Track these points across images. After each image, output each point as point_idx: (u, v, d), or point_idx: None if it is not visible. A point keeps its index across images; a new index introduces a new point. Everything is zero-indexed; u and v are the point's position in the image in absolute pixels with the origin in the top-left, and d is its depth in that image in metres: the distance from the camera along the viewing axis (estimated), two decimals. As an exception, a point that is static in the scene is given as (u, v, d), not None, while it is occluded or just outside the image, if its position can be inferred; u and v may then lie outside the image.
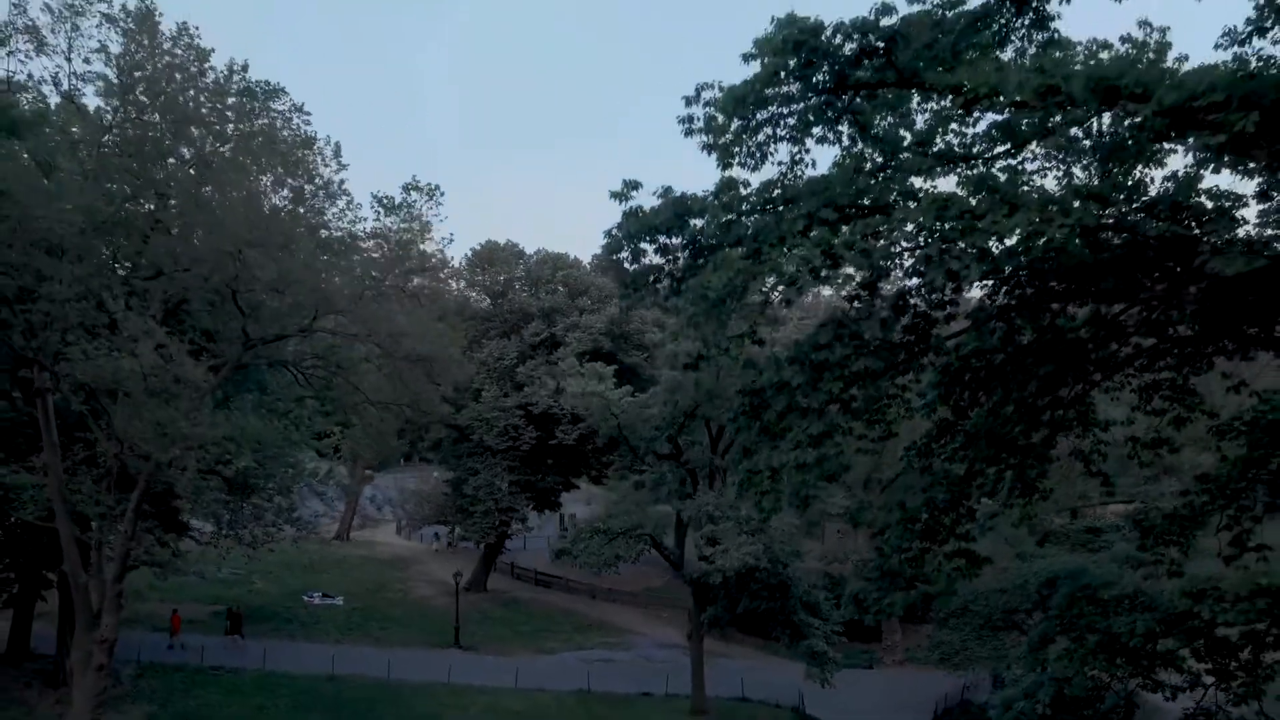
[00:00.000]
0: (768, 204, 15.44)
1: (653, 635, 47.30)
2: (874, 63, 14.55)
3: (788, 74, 14.32)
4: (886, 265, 13.92)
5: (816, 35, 13.74)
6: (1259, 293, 13.73)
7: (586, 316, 50.29)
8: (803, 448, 14.23)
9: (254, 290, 21.02)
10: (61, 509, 24.57)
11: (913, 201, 14.54)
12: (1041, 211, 13.15)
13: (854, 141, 16.07)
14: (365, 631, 45.27)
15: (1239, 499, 19.44)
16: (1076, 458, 21.61)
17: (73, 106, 26.63)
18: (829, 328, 14.01)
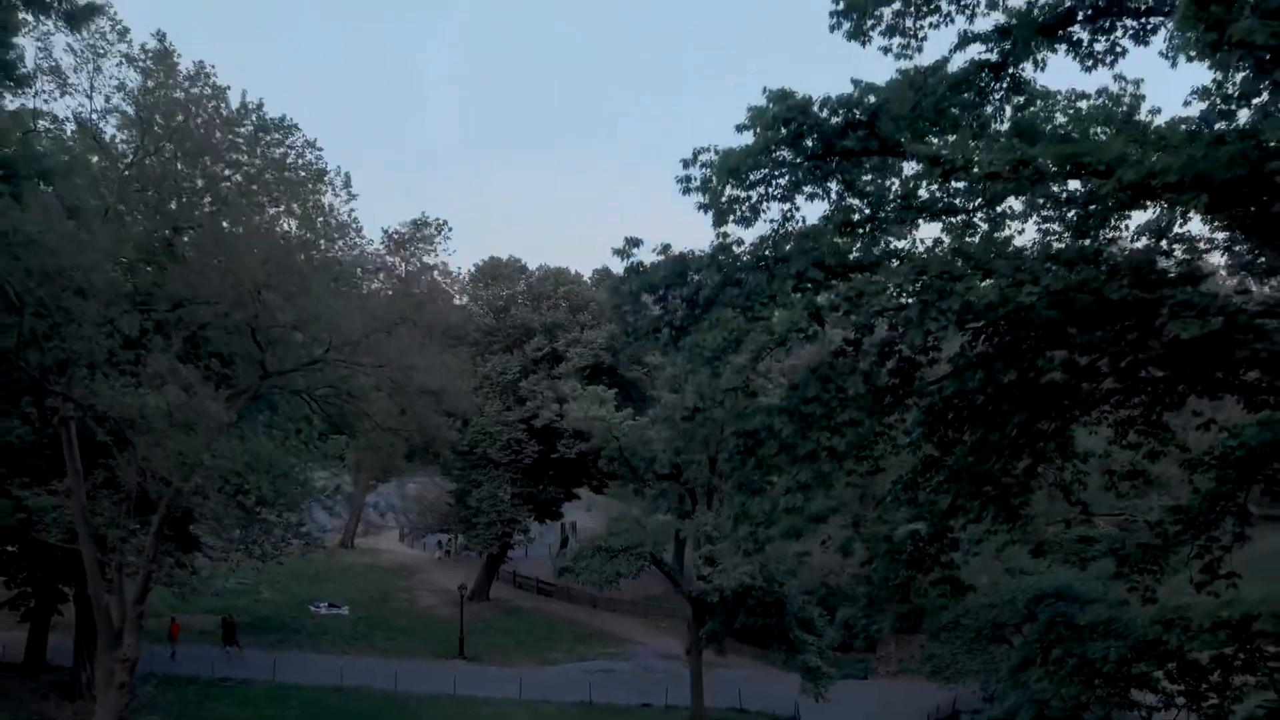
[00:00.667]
0: (761, 261, 16.38)
1: (652, 645, 48.30)
2: (859, 133, 15.54)
3: (779, 143, 15.33)
4: (870, 324, 14.91)
5: (805, 112, 14.77)
6: (1217, 349, 14.75)
7: (588, 332, 51.29)
8: (793, 493, 15.28)
9: (273, 327, 22.02)
10: (85, 532, 25.58)
11: (895, 260, 15.59)
12: (1013, 276, 14.16)
13: (841, 196, 17.08)
14: (371, 642, 46.28)
15: (1209, 530, 20.45)
16: (1057, 487, 22.65)
17: (92, 141, 27.70)
18: (815, 382, 15.01)
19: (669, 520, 32.61)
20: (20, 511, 28.62)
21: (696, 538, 30.63)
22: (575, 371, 50.49)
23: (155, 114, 27.12)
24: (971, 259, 14.36)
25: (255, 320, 22.05)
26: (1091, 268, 14.46)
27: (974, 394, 18.58)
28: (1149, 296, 14.49)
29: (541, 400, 50.22)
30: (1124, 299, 14.38)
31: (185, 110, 27.55)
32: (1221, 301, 14.06)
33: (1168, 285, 14.57)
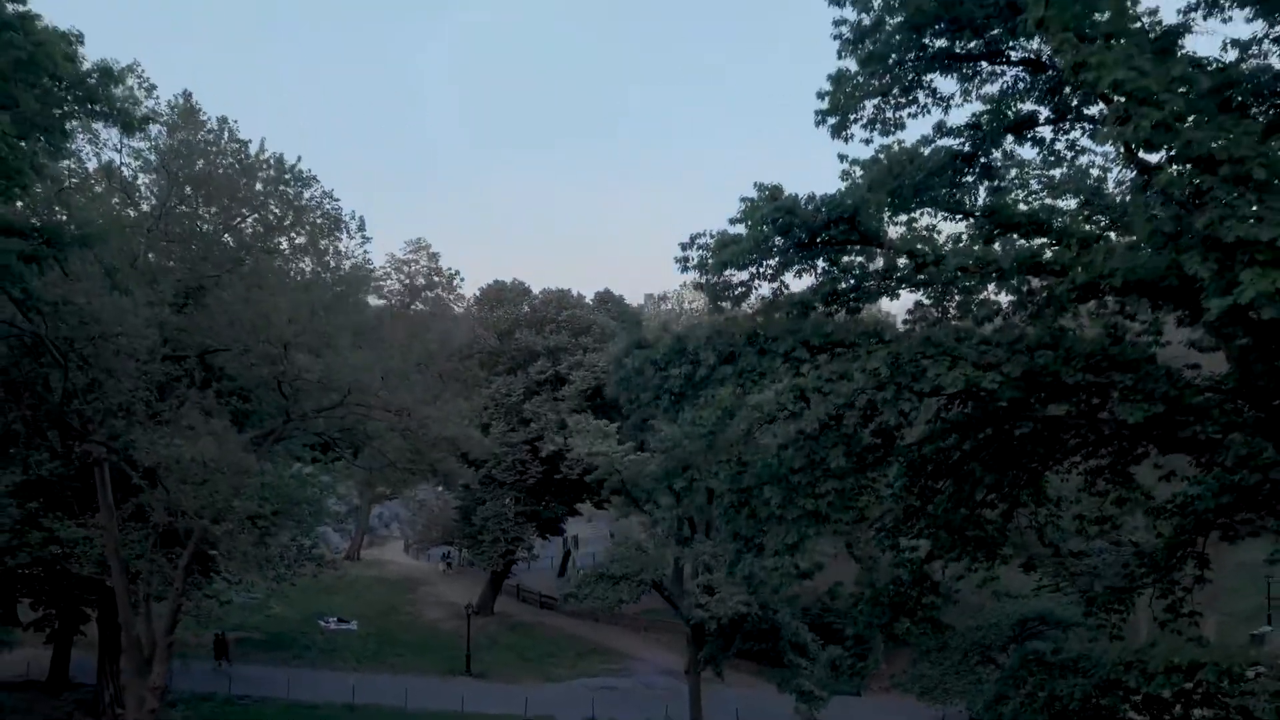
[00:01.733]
0: (753, 338, 17.91)
1: (652, 660, 49.78)
2: (841, 227, 17.08)
3: (768, 238, 16.86)
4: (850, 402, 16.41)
5: (792, 211, 16.30)
6: (1161, 428, 16.30)
7: (590, 355, 52.80)
8: (781, 554, 16.83)
9: (298, 379, 23.51)
10: (117, 566, 27.12)
11: (874, 338, 17.12)
12: (978, 362, 15.70)
13: (827, 272, 18.62)
14: (380, 658, 47.78)
15: (1171, 573, 22.01)
16: (1032, 529, 24.25)
17: (124, 195, 29.26)
18: (801, 454, 16.53)
19: (669, 547, 34.09)
20: (53, 543, 30.21)
21: (695, 565, 32.16)
22: (578, 394, 52.06)
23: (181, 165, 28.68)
24: (940, 346, 15.84)
25: (282, 374, 23.59)
26: (1050, 352, 15.94)
27: (950, 450, 20.16)
28: (1101, 381, 16.02)
29: (545, 422, 51.82)
30: (1078, 383, 15.91)
31: (210, 162, 29.15)
32: (1165, 386, 15.59)
33: (1119, 369, 16.09)
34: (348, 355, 22.87)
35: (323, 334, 22.84)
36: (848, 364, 16.12)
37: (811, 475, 16.47)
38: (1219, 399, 15.59)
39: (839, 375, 16.02)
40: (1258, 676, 18.93)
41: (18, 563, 29.87)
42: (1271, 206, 11.44)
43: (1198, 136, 10.85)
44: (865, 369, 15.77)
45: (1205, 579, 22.05)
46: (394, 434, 26.54)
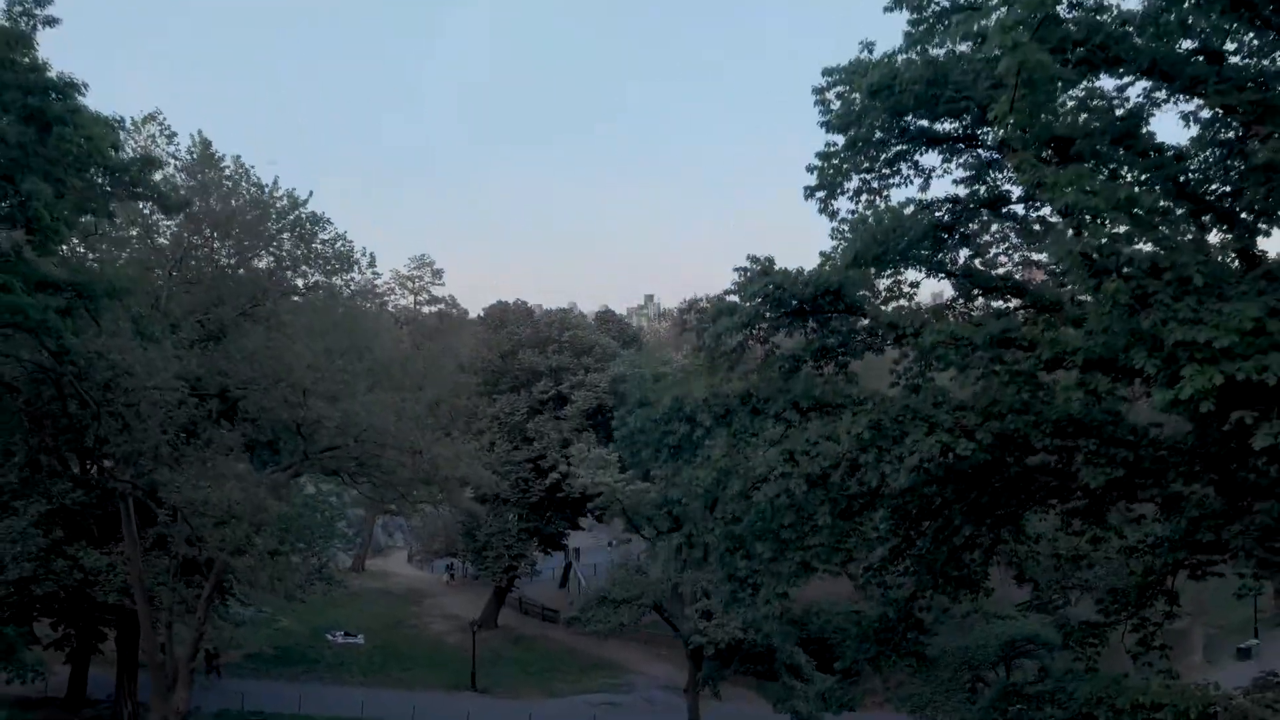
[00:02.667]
0: (746, 399, 19.17)
1: (652, 674, 51.05)
2: (828, 298, 18.38)
3: (761, 309, 18.14)
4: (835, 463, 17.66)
5: (782, 287, 17.58)
6: (1125, 486, 17.60)
7: (591, 375, 54.06)
8: (771, 602, 18.12)
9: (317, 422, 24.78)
10: (141, 595, 28.39)
11: (859, 403, 18.38)
12: (952, 427, 16.96)
13: (816, 333, 19.93)
14: (387, 672, 49.04)
15: (1142, 609, 23.30)
16: (1012, 565, 25.59)
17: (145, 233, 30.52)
18: (790, 511, 17.79)
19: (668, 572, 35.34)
20: (78, 571, 31.48)
21: (693, 590, 33.39)
22: (579, 414, 53.34)
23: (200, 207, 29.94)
24: (918, 413, 17.11)
25: (301, 419, 24.87)
26: (1019, 417, 17.21)
27: (932, 497, 21.46)
28: (1069, 444, 17.30)
29: (548, 442, 53.13)
30: (1045, 447, 17.20)
31: (226, 203, 30.44)
32: (1125, 452, 16.85)
33: (1085, 433, 17.36)
34: (363, 398, 24.11)
35: (340, 381, 24.09)
36: (834, 426, 17.39)
37: (800, 530, 17.77)
38: (1178, 459, 16.87)
39: (825, 437, 17.29)
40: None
41: (44, 590, 31.04)
42: (1210, 308, 12.73)
43: (1140, 256, 12.10)
44: (850, 432, 17.02)
45: (1175, 615, 23.37)
46: (406, 468, 27.82)
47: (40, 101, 15.48)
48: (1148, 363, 13.00)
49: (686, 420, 18.69)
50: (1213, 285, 13.03)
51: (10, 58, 14.86)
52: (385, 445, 25.25)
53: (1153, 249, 12.91)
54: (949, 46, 16.76)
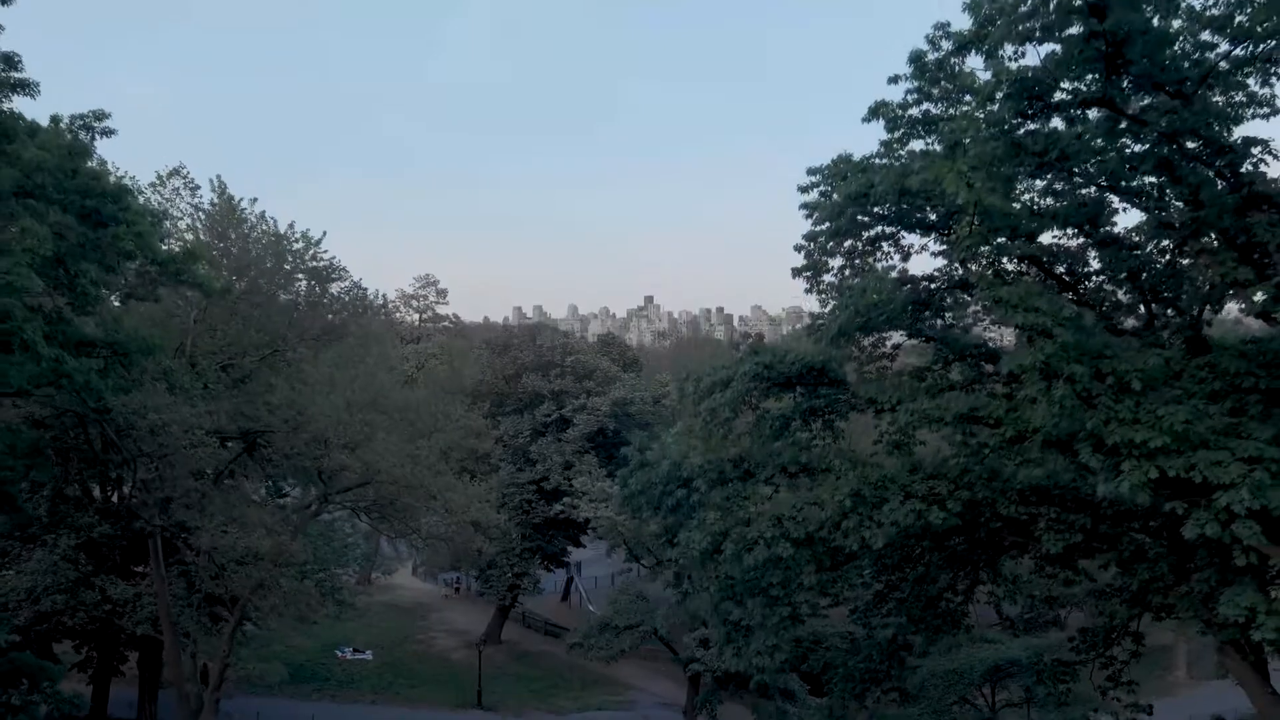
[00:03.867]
0: (739, 463, 20.80)
1: (652, 690, 52.64)
2: (812, 374, 20.02)
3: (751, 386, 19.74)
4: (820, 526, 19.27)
5: (771, 368, 19.20)
6: (1083, 550, 19.23)
7: (593, 399, 55.70)
8: (763, 655, 19.80)
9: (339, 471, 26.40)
10: (169, 628, 29.95)
11: (841, 462, 19.97)
12: (926, 495, 18.62)
13: (803, 397, 21.56)
14: (395, 691, 50.61)
15: (1110, 648, 24.92)
16: (991, 604, 27.18)
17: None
18: (779, 570, 19.42)
19: (668, 597, 36.96)
20: (105, 603, 33.07)
21: (692, 620, 35.01)
22: (581, 437, 54.97)
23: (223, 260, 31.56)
24: (895, 482, 18.75)
25: (322, 465, 26.48)
26: (987, 485, 18.88)
27: (912, 547, 23.11)
28: (1032, 511, 18.96)
29: (550, 464, 54.78)
30: (1008, 516, 18.86)
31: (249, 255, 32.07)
32: (1084, 519, 18.49)
33: (1048, 502, 19.02)
34: (381, 447, 25.72)
35: (361, 432, 25.69)
36: (818, 492, 19.03)
37: (788, 588, 19.43)
38: (1131, 527, 18.50)
39: (811, 503, 18.94)
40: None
41: (76, 622, 32.62)
42: (1147, 409, 14.35)
43: (1078, 372, 13.71)
44: (834, 498, 18.67)
45: (1140, 654, 24.99)
46: (420, 508, 29.42)
47: (97, 203, 17.11)
48: (1092, 459, 14.62)
49: (683, 484, 20.35)
50: (1151, 385, 14.65)
51: (73, 167, 16.48)
52: (401, 489, 26.85)
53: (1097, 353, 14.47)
54: (924, 143, 18.39)
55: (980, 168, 13.32)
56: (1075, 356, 13.81)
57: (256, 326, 30.76)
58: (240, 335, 29.36)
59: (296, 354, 29.93)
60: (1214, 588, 15.99)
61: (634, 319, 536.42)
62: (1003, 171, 14.46)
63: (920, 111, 17.29)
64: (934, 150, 16.92)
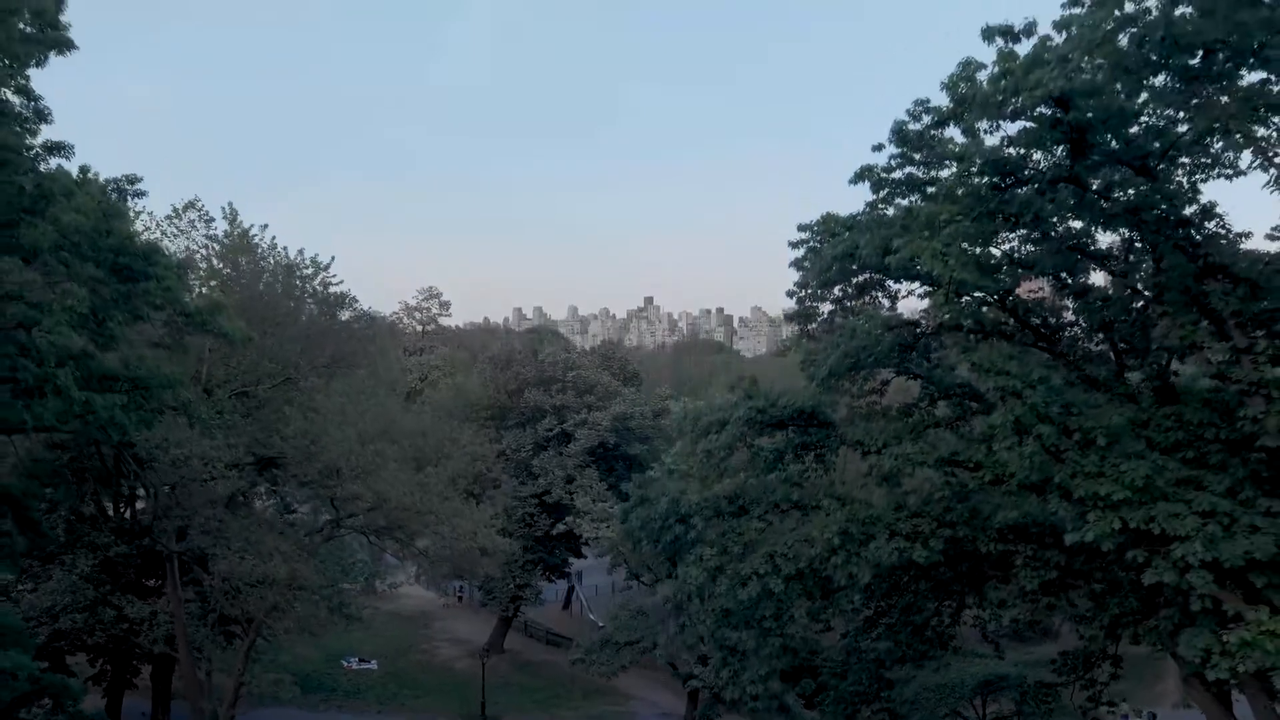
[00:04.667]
0: (734, 500, 21.88)
1: (652, 700, 53.71)
2: (804, 416, 21.08)
3: (746, 428, 20.81)
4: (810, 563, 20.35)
5: (764, 412, 20.27)
6: (1058, 586, 20.29)
7: (594, 414, 56.76)
8: (757, 683, 20.89)
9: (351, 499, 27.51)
10: (185, 647, 31.05)
11: (830, 499, 21.04)
12: (910, 534, 19.69)
13: (795, 434, 22.63)
14: (400, 701, 51.67)
15: (1090, 671, 26.02)
16: (976, 627, 28.21)
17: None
18: (772, 604, 20.52)
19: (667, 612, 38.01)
20: (122, 621, 34.16)
21: (690, 639, 36.05)
22: (582, 451, 56.05)
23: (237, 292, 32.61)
24: (881, 521, 19.85)
25: (335, 494, 27.60)
26: (967, 527, 19.96)
27: (899, 576, 24.19)
28: (1010, 549, 20.04)
29: (552, 478, 55.87)
30: (988, 552, 19.93)
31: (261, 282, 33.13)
32: (1059, 556, 19.54)
33: (1025, 540, 20.10)
34: (391, 476, 26.82)
35: (372, 462, 26.77)
36: (809, 529, 20.13)
37: (780, 621, 20.56)
38: (1100, 564, 19.58)
39: (803, 539, 20.03)
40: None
41: (95, 641, 33.70)
42: (1111, 463, 15.44)
43: (1044, 431, 14.80)
44: (823, 535, 19.77)
45: (1119, 675, 26.10)
46: (428, 531, 30.53)
47: (129, 260, 18.20)
48: (1060, 508, 15.72)
49: (680, 520, 21.45)
50: (1115, 440, 15.74)
51: (107, 228, 17.56)
52: (411, 515, 27.92)
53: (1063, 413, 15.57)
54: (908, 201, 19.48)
55: (954, 243, 14.42)
56: (1042, 417, 14.87)
57: (269, 355, 31.77)
58: (254, 364, 30.42)
59: (308, 383, 30.97)
60: (1177, 625, 17.07)
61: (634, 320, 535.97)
62: (981, 230, 15.50)
63: (904, 174, 18.38)
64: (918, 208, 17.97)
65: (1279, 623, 14.12)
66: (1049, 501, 15.80)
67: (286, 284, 33.33)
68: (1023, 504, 18.08)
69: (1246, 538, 14.20)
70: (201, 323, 20.56)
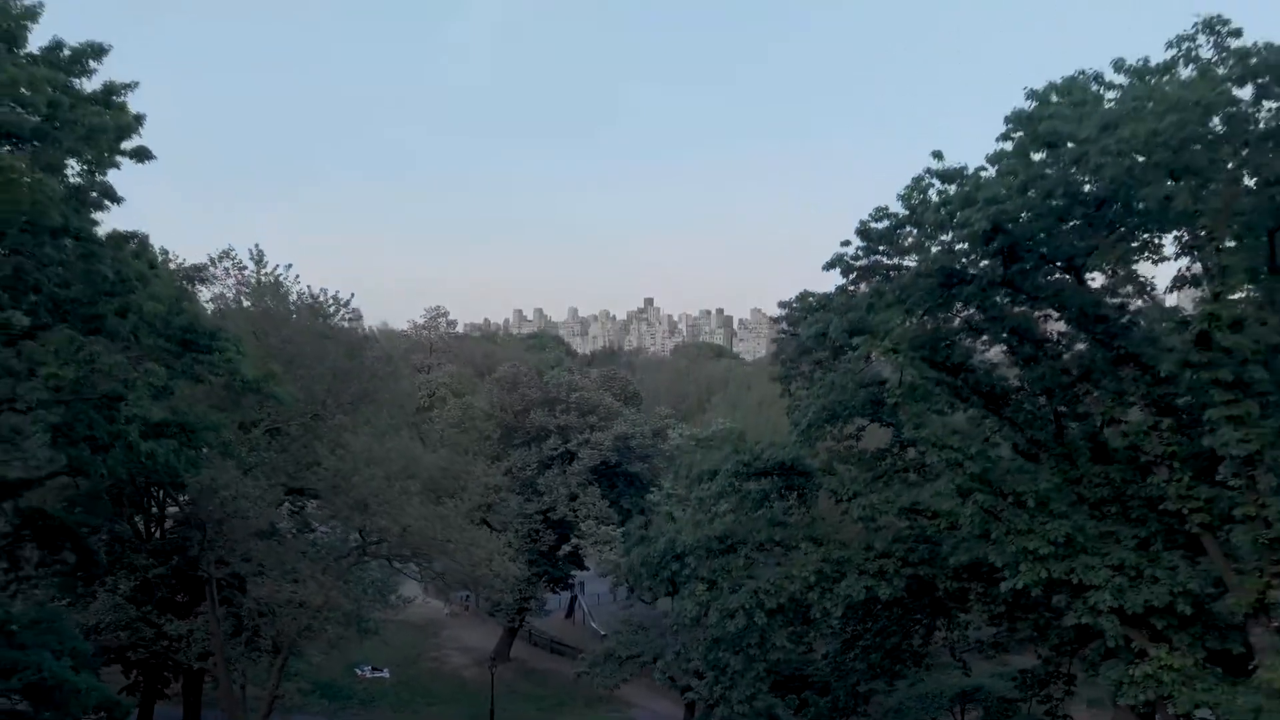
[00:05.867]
0: (724, 539, 24.62)
1: (652, 708, 56.48)
2: (785, 467, 23.84)
3: (733, 482, 23.60)
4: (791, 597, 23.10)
5: (750, 465, 23.03)
6: (1008, 616, 23.08)
7: (596, 434, 59.59)
8: (744, 703, 23.68)
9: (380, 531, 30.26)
10: (223, 664, 33.84)
11: (809, 542, 23.82)
12: (877, 572, 22.48)
13: (778, 481, 25.36)
14: (414, 709, 54.48)
15: (1048, 687, 28.77)
16: (946, 647, 31.03)
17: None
18: (755, 631, 23.31)
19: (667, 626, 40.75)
20: (162, 639, 36.95)
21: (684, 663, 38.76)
22: (585, 470, 58.87)
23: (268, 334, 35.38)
24: (852, 561, 22.63)
25: (362, 525, 30.40)
26: (928, 566, 22.73)
27: (872, 605, 26.99)
28: (964, 585, 22.84)
29: (556, 495, 58.69)
30: (946, 589, 22.73)
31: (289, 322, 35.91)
32: (1006, 593, 22.27)
33: (978, 579, 22.89)
34: (415, 511, 29.57)
35: (397, 500, 29.50)
36: (789, 568, 22.93)
37: (764, 648, 23.38)
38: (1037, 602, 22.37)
39: (784, 577, 22.82)
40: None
41: (137, 657, 36.50)
42: (1039, 522, 18.24)
43: (984, 500, 17.59)
44: (801, 574, 22.56)
45: (1073, 692, 28.87)
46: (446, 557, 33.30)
47: (195, 337, 21.03)
48: (997, 558, 18.52)
49: (676, 558, 24.24)
50: (1044, 502, 18.55)
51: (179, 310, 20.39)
52: (432, 545, 30.66)
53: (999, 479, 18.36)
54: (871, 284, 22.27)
55: (903, 344, 17.25)
56: (981, 482, 17.68)
57: (299, 394, 34.53)
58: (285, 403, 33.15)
59: (335, 420, 33.72)
60: (1102, 656, 19.86)
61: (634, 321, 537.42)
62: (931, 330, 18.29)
63: (870, 261, 21.20)
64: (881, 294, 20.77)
65: (1175, 658, 16.90)
66: (989, 554, 18.58)
67: (311, 324, 36.09)
68: (974, 548, 20.88)
69: (1149, 588, 16.98)
70: (257, 388, 23.32)
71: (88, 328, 21.61)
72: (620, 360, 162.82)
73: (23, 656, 23.48)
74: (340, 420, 33.86)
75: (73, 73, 20.93)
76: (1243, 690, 15.83)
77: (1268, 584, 15.99)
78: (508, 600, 60.84)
